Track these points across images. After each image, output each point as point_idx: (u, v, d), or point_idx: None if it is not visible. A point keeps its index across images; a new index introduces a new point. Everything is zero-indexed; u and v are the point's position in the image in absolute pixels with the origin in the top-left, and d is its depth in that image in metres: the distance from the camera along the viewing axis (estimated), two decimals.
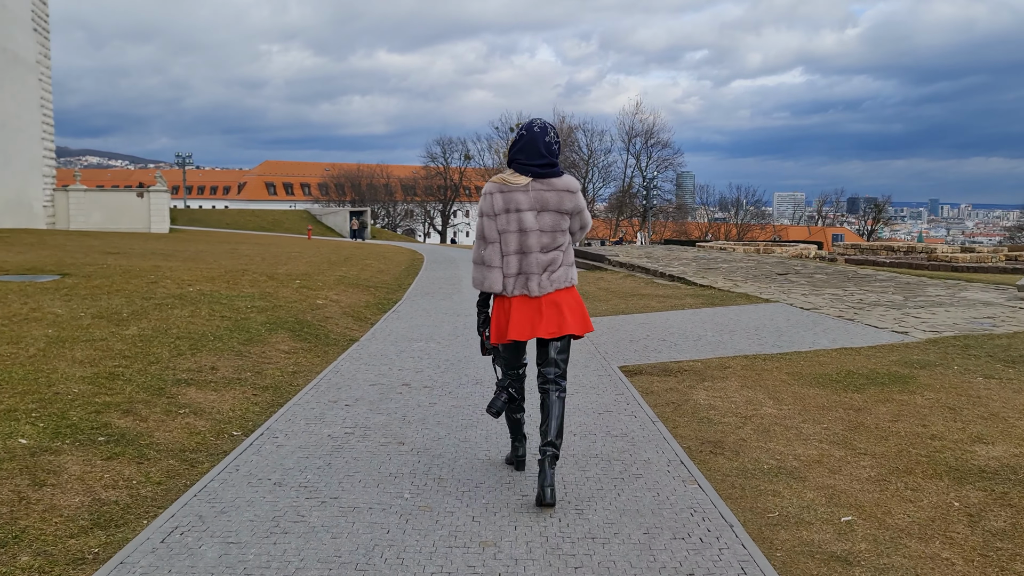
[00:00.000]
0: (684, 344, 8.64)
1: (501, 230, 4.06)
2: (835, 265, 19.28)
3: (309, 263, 19.27)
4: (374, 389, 6.40)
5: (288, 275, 14.62)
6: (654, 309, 11.63)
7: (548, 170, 4.05)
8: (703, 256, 21.48)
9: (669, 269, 17.18)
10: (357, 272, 17.35)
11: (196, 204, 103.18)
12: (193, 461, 4.54)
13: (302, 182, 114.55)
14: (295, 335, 8.49)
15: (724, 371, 7.20)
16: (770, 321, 10.11)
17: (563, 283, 4.11)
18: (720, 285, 14.28)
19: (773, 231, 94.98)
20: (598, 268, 19.55)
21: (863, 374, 6.90)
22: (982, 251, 30.58)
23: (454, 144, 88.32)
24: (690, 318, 10.59)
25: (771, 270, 17.21)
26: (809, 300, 12.07)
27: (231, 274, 13.71)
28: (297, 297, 11.32)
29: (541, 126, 4.07)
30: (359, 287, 13.92)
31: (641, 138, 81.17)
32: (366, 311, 11.16)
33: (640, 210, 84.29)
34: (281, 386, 6.41)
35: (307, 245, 33.04)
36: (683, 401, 6.11)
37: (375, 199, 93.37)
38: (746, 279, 15.38)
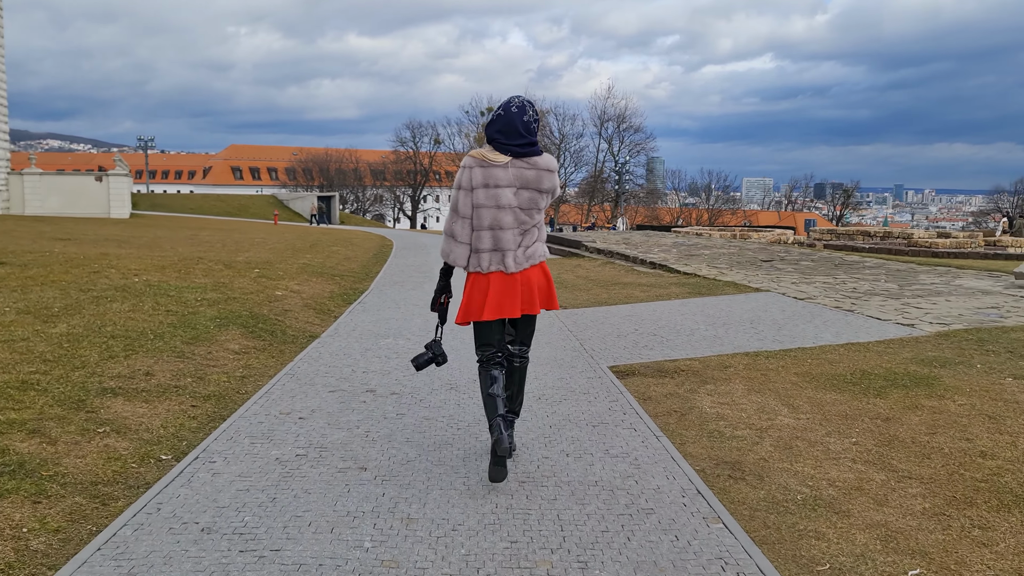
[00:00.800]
0: (677, 340, 7.92)
1: (476, 204, 4.03)
2: (819, 251, 18.72)
3: (272, 250, 18.31)
4: (334, 397, 5.59)
5: (247, 263, 13.69)
6: (639, 299, 10.90)
7: (528, 149, 4.02)
8: (682, 242, 20.82)
9: (650, 256, 16.48)
10: (322, 260, 16.44)
11: (161, 189, 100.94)
12: (106, 497, 3.71)
13: (269, 167, 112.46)
14: (248, 332, 7.64)
15: (726, 371, 6.48)
16: (765, 313, 9.43)
17: (537, 259, 4.16)
18: (705, 273, 13.60)
19: (743, 216, 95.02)
20: (575, 255, 18.81)
21: (880, 375, 6.22)
22: (958, 236, 30.31)
23: (424, 128, 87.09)
24: (679, 309, 9.88)
25: (755, 257, 16.58)
26: (801, 289, 11.41)
27: (185, 262, 12.76)
28: (254, 288, 10.43)
29: (519, 105, 4.03)
30: (323, 276, 13.04)
31: (613, 122, 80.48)
32: (330, 303, 10.31)
33: (612, 195, 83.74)
34: (226, 394, 5.58)
35: (272, 231, 31.94)
36: (687, 409, 5.38)
37: (344, 184, 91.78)
38: (731, 266, 14.72)
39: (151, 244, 18.96)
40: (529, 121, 4.02)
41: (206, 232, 27.67)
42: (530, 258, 4.11)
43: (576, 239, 20.59)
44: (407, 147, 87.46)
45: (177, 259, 13.42)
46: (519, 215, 4.04)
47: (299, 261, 15.36)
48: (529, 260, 4.11)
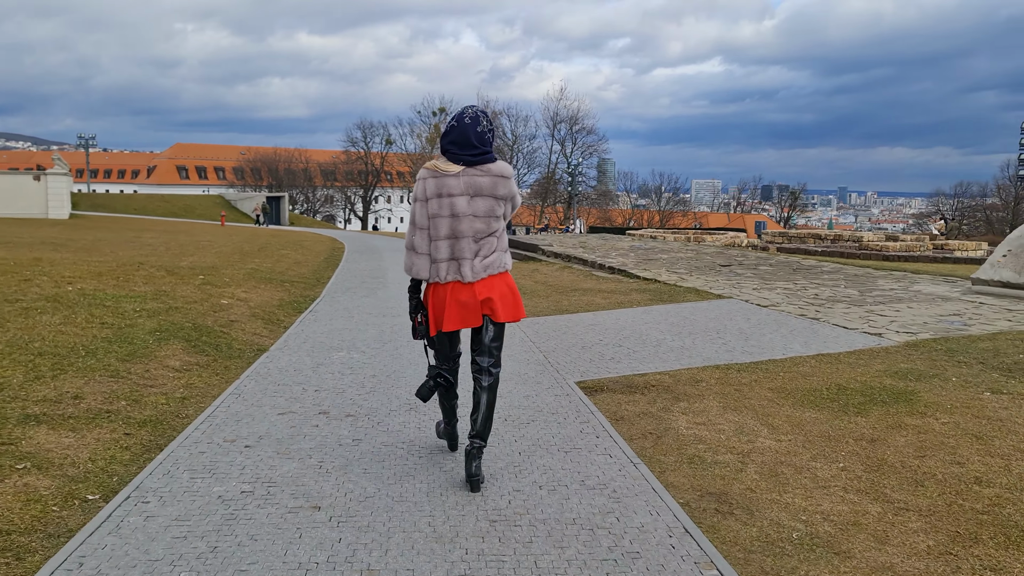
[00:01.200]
0: (643, 351, 7.63)
1: (432, 215, 3.99)
2: (775, 256, 18.71)
3: (218, 254, 17.66)
4: (284, 420, 5.17)
5: (192, 269, 13.09)
6: (600, 307, 10.62)
7: (481, 157, 4.00)
8: (639, 246, 20.67)
9: (608, 260, 16.25)
10: (271, 264, 15.87)
11: (103, 189, 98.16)
12: (21, 549, 3.26)
13: (216, 166, 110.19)
14: (190, 346, 7.14)
15: (698, 386, 6.21)
16: (730, 321, 9.21)
17: (497, 268, 4.08)
18: (665, 278, 13.39)
19: (694, 218, 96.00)
20: (532, 259, 18.50)
21: (856, 389, 6.00)
22: (906, 239, 30.78)
23: (375, 128, 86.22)
24: (642, 317, 9.61)
25: (713, 261, 16.46)
26: (763, 295, 11.26)
27: (124, 268, 12.12)
28: (198, 296, 9.89)
29: (472, 116, 4.02)
30: (272, 283, 12.51)
31: (566, 124, 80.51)
32: (279, 312, 9.82)
33: (565, 196, 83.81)
34: (164, 419, 5.11)
35: (219, 233, 31.07)
36: (662, 431, 5.07)
37: (293, 184, 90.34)
38: (690, 271, 14.55)
39: (90, 248, 18.15)
40: (483, 131, 4.02)
41: (150, 234, 26.74)
42: (489, 267, 4.05)
43: (532, 242, 20.28)
44: (358, 147, 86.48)
45: (116, 264, 12.76)
46: (474, 223, 3.99)
47: (247, 266, 14.78)
48: (488, 270, 4.05)
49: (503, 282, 4.13)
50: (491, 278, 4.06)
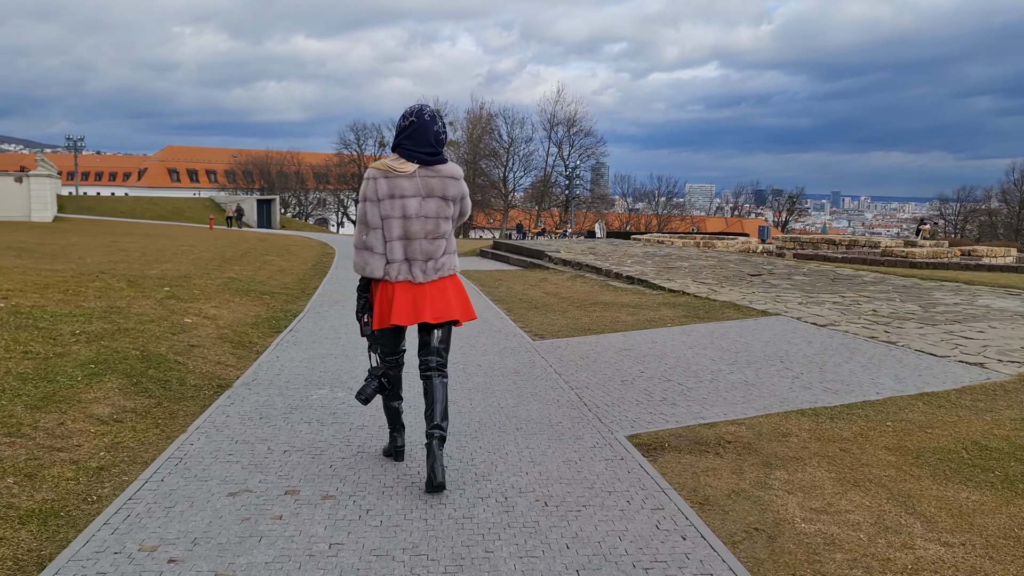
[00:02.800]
0: (700, 388, 6.14)
1: (384, 216, 3.95)
2: (804, 263, 17.24)
3: (196, 260, 16.13)
4: (234, 507, 3.65)
5: (159, 278, 11.56)
6: (628, 325, 9.13)
7: (434, 158, 3.97)
8: (654, 252, 19.18)
9: (624, 268, 14.76)
10: (252, 272, 14.34)
11: (95, 191, 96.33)
12: None
13: (208, 168, 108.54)
14: (131, 383, 5.62)
15: (789, 443, 4.72)
16: (789, 345, 7.73)
17: (448, 271, 4.07)
18: (694, 290, 11.90)
19: (691, 222, 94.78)
20: (538, 266, 16.99)
21: (1004, 451, 4.52)
22: (924, 245, 29.38)
23: (368, 131, 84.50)
24: (682, 340, 8.12)
25: (739, 269, 14.98)
26: (813, 311, 9.78)
27: (80, 279, 10.59)
28: (157, 313, 8.36)
29: (431, 114, 3.98)
30: (250, 295, 10.99)
31: (563, 126, 79.02)
32: (252, 332, 8.30)
33: (562, 200, 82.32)
34: (64, 508, 3.59)
35: (204, 237, 29.51)
36: (772, 525, 3.58)
37: (286, 187, 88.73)
38: (718, 281, 13.06)
39: (57, 253, 16.61)
40: (439, 131, 3.99)
41: (129, 238, 25.20)
42: (439, 270, 4.03)
43: (538, 248, 18.77)
44: (351, 149, 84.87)
45: (73, 274, 11.23)
46: (426, 225, 3.97)
47: (224, 275, 13.25)
48: (439, 272, 4.03)
49: (453, 283, 4.10)
50: (441, 280, 4.04)
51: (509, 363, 7.05)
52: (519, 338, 8.36)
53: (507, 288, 13.21)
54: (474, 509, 3.67)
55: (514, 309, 10.69)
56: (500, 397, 5.80)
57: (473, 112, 79.98)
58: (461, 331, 8.64)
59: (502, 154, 79.37)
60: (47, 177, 44.46)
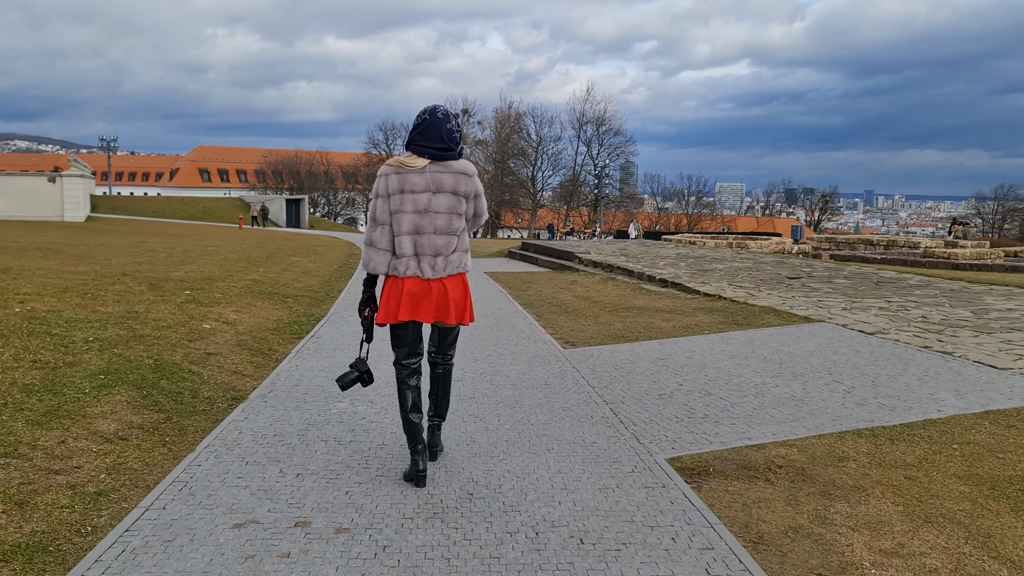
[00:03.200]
0: (744, 403, 5.73)
1: (394, 210, 3.98)
2: (843, 266, 16.67)
3: (221, 262, 15.95)
4: (238, 543, 3.32)
5: (182, 281, 11.34)
6: (664, 332, 8.72)
7: (445, 154, 3.99)
8: (686, 253, 18.70)
9: (656, 271, 14.32)
10: (277, 274, 14.10)
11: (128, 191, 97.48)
12: None
13: (238, 168, 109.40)
14: (141, 396, 5.33)
15: (847, 468, 4.30)
16: (836, 355, 7.28)
17: (457, 268, 4.08)
18: (730, 294, 11.45)
19: (722, 221, 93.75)
20: (568, 268, 16.59)
21: None
22: (966, 245, 28.55)
23: (397, 130, 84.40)
24: (721, 348, 7.71)
25: (776, 272, 14.48)
26: (859, 318, 9.30)
27: (101, 281, 10.39)
28: (176, 319, 8.10)
29: (444, 112, 4.02)
30: (273, 298, 10.72)
31: (592, 125, 78.41)
32: (273, 338, 8.01)
33: (590, 199, 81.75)
34: (54, 541, 3.28)
35: (232, 237, 29.46)
36: (836, 569, 3.17)
37: (315, 187, 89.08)
38: (755, 284, 12.59)
39: (83, 254, 16.51)
40: (452, 129, 4.01)
41: (158, 238, 25.18)
42: (449, 266, 4.04)
43: (567, 249, 18.36)
44: (379, 149, 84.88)
45: (95, 276, 11.04)
46: (436, 220, 3.98)
47: (248, 277, 13.02)
48: (448, 268, 4.04)
49: (461, 282, 4.12)
50: (450, 278, 4.06)
51: (539, 373, 6.68)
52: (549, 346, 7.99)
53: (536, 291, 12.85)
54: (502, 547, 3.32)
55: (543, 314, 10.32)
56: (530, 412, 5.44)
57: (501, 111, 79.68)
58: (489, 338, 8.29)
59: (530, 153, 78.99)
60: (80, 177, 44.79)
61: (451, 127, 4.00)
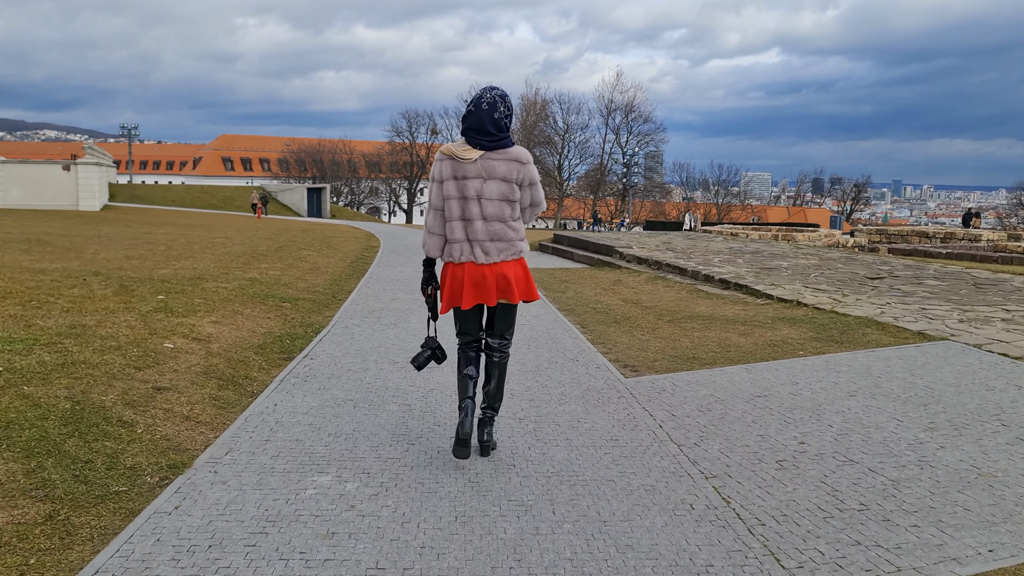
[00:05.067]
0: (908, 478, 3.91)
1: (446, 196, 4.02)
2: (923, 262, 14.68)
3: (223, 256, 14.32)
4: None
5: (164, 282, 9.69)
6: (746, 352, 6.91)
7: (498, 143, 3.99)
8: (739, 248, 16.79)
9: (712, 269, 12.46)
10: (280, 271, 12.42)
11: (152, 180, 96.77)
12: None
13: (261, 157, 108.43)
14: (25, 469, 3.62)
15: None
16: (990, 391, 5.44)
17: (511, 255, 4.07)
18: (811, 299, 9.59)
19: (752, 211, 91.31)
20: (608, 264, 14.75)
21: None
22: None
23: (421, 118, 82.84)
24: (832, 380, 5.89)
25: (851, 270, 12.56)
26: (987, 333, 7.43)
27: (58, 284, 8.75)
28: (132, 335, 6.42)
29: (489, 102, 3.98)
30: (268, 302, 9.03)
31: (621, 111, 76.19)
32: (254, 360, 6.30)
33: (618, 189, 79.63)
34: None
35: (246, 227, 27.92)
36: None
37: (338, 176, 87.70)
38: (835, 287, 10.71)
39: (73, 247, 14.96)
40: (500, 118, 3.98)
41: (165, 229, 23.67)
42: (503, 251, 4.03)
43: (606, 243, 16.50)
44: (403, 137, 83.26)
45: (60, 276, 9.41)
46: (487, 206, 3.97)
47: (246, 275, 11.36)
48: (502, 253, 4.03)
49: (518, 266, 4.10)
50: (507, 262, 4.04)
51: (600, 421, 4.92)
52: (605, 372, 6.22)
53: (576, 293, 11.06)
54: None
55: (589, 324, 8.55)
56: (599, 502, 3.67)
57: (527, 98, 77.73)
58: (527, 359, 6.53)
59: (557, 141, 76.96)
60: (95, 165, 43.55)
61: (498, 116, 3.97)
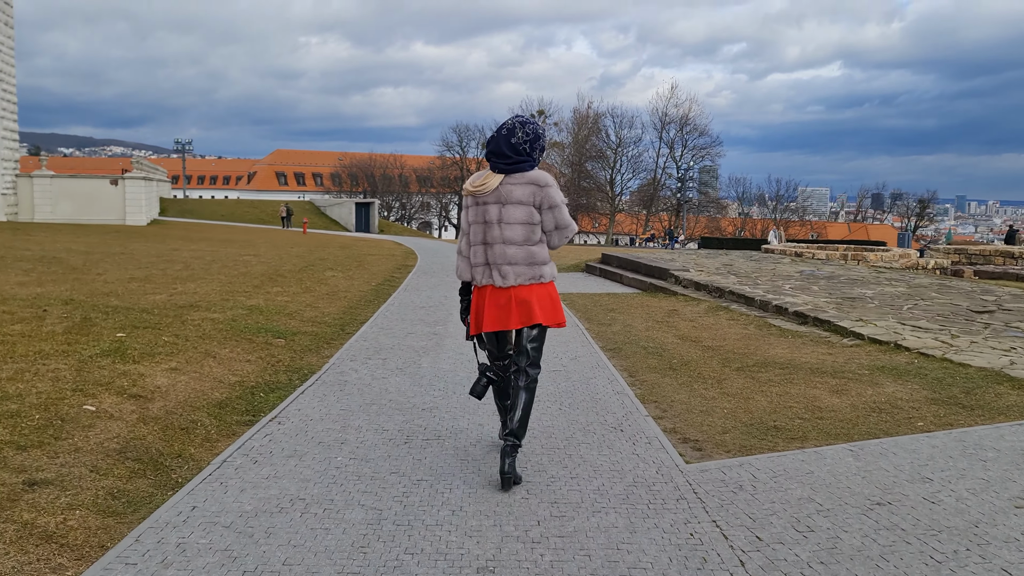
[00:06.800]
0: None
1: (471, 221, 4.14)
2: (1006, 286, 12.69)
3: (235, 278, 13.07)
4: None
5: (145, 311, 8.38)
6: (843, 419, 5.25)
7: (516, 166, 4.05)
8: (811, 272, 14.95)
9: (784, 298, 10.72)
10: (291, 297, 11.07)
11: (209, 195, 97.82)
12: None
13: (314, 172, 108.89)
14: None
15: None
16: None
17: (532, 278, 4.07)
18: (912, 341, 7.82)
19: (811, 228, 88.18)
20: (661, 290, 13.08)
21: None
22: None
23: (471, 132, 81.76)
24: (981, 474, 4.21)
25: (949, 301, 10.70)
26: None
27: (11, 313, 7.48)
28: (49, 392, 5.04)
29: (509, 127, 4.07)
30: (258, 338, 7.63)
31: (676, 124, 74.08)
32: (202, 426, 4.87)
33: (673, 203, 77.43)
34: None
35: (284, 243, 26.87)
36: None
37: (389, 190, 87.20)
38: (938, 324, 8.90)
39: (81, 267, 13.89)
40: (517, 143, 4.03)
41: (198, 245, 22.69)
42: (522, 275, 4.04)
43: (659, 265, 14.82)
44: (453, 152, 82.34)
45: (22, 305, 8.17)
46: (506, 231, 4.02)
47: (248, 302, 10.03)
48: (520, 277, 4.04)
49: (543, 290, 4.10)
50: (533, 286, 4.06)
51: (649, 549, 3.33)
52: (658, 451, 4.63)
53: (624, 326, 9.46)
54: None
55: (639, 371, 6.96)
56: None
57: (579, 111, 76.17)
58: (557, 424, 4.94)
59: (609, 155, 75.15)
60: (143, 180, 43.33)
61: (516, 140, 4.02)
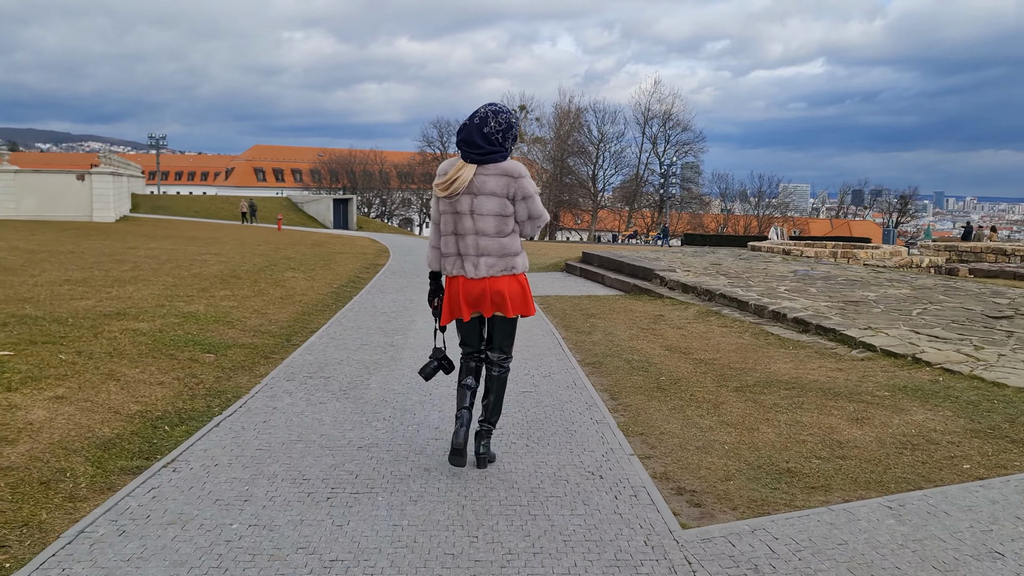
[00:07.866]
0: None
1: (442, 211, 4.10)
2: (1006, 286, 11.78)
3: (184, 279, 11.96)
4: None
5: (58, 321, 7.29)
6: (869, 460, 4.27)
7: (487, 156, 4.00)
8: (805, 272, 14.00)
9: (781, 302, 9.75)
10: (239, 301, 9.98)
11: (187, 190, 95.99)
12: None
13: (293, 168, 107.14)
14: None
15: None
16: None
17: (503, 270, 4.08)
18: (933, 355, 6.86)
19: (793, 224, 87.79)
20: (647, 292, 12.09)
21: None
22: None
23: (451, 127, 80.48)
24: None
25: (960, 305, 9.77)
26: None
27: None
28: None
29: (481, 116, 4.02)
30: (181, 353, 6.56)
31: (659, 120, 73.27)
32: (70, 477, 3.82)
33: (655, 200, 76.64)
34: None
35: (251, 241, 25.68)
36: None
37: (369, 186, 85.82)
38: (955, 332, 7.95)
39: (17, 268, 12.76)
40: (490, 132, 3.98)
41: (159, 243, 21.49)
42: (493, 266, 4.04)
43: (643, 265, 13.83)
44: (433, 148, 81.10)
45: None
46: (478, 222, 4.00)
47: (189, 307, 8.95)
48: (492, 268, 4.04)
49: (515, 282, 4.10)
50: (503, 277, 4.06)
51: None
52: (647, 510, 3.63)
53: (605, 334, 8.46)
54: None
55: (622, 391, 5.96)
56: None
57: (561, 106, 75.16)
58: (520, 477, 3.89)
59: (591, 151, 74.25)
60: (111, 175, 41.87)
61: (488, 130, 3.97)
